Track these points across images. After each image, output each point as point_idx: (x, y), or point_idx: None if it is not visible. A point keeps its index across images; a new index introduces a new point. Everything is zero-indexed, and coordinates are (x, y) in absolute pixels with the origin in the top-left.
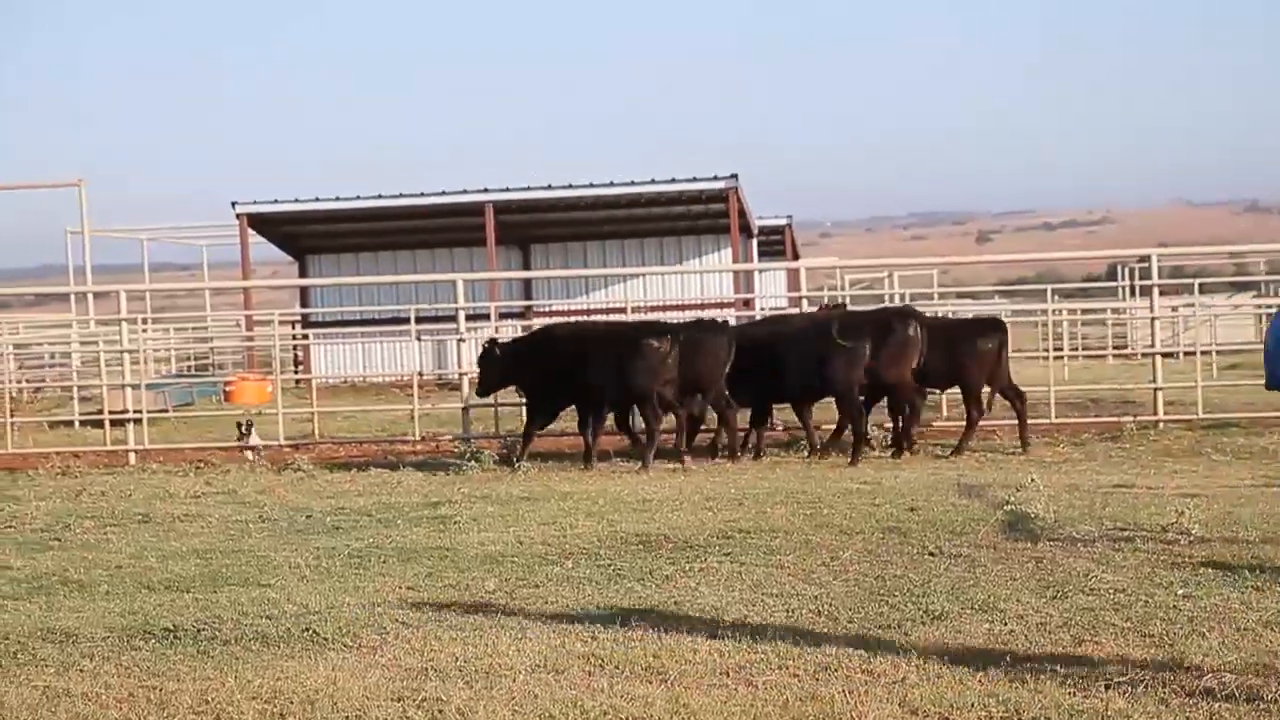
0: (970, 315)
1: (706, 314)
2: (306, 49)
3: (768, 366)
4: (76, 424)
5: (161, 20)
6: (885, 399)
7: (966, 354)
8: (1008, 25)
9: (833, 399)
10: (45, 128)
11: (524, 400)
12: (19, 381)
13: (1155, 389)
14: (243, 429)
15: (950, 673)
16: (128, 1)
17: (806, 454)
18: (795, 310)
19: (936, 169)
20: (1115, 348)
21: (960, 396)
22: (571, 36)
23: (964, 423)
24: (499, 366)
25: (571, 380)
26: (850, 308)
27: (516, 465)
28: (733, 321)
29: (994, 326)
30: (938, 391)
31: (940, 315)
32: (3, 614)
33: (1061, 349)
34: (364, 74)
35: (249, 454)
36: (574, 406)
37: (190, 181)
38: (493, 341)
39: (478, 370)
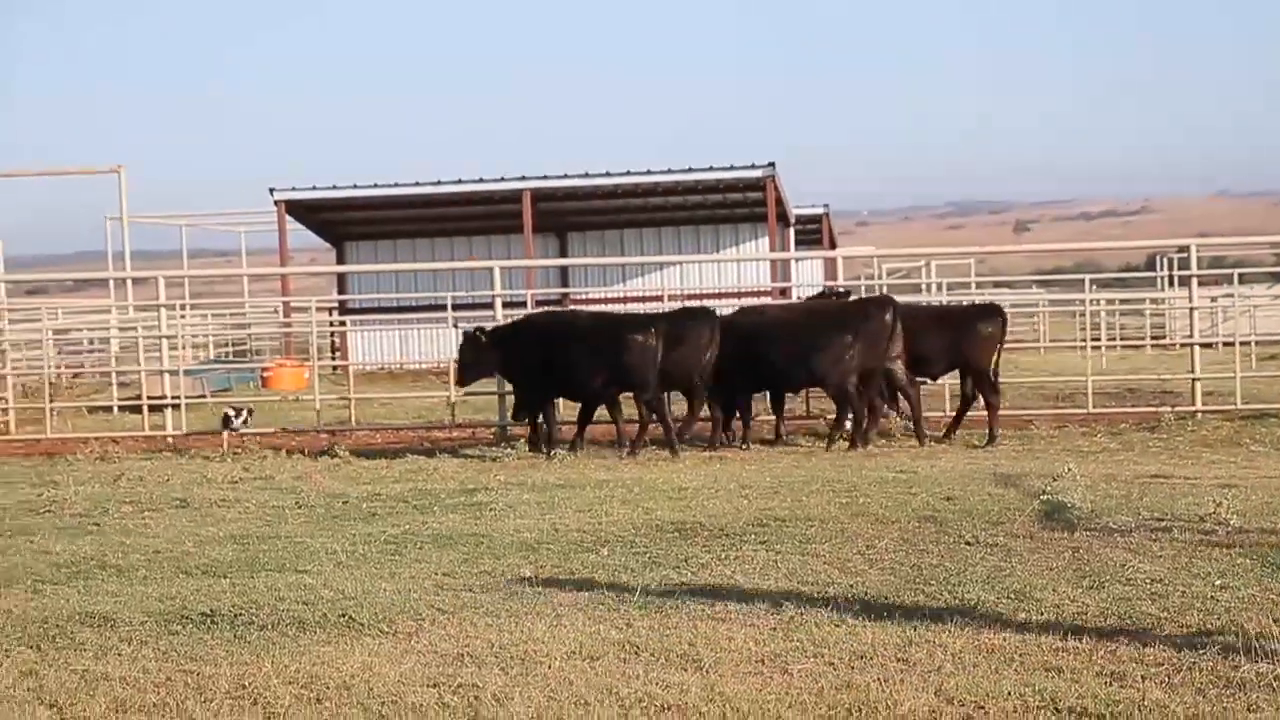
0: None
1: (744, 302)
2: (345, 36)
3: (768, 355)
4: (115, 409)
5: (200, 5)
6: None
7: (969, 339)
8: (1048, 18)
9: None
10: (85, 114)
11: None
12: (58, 367)
13: (1193, 379)
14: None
15: (986, 662)
16: None
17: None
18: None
19: (975, 158)
20: (1153, 338)
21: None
22: (611, 26)
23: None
24: (486, 356)
25: (557, 371)
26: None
27: (550, 454)
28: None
29: (994, 312)
30: (929, 380)
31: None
32: (42, 598)
33: (1099, 339)
34: (403, 61)
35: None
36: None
37: (229, 168)
38: (480, 329)
39: (458, 359)
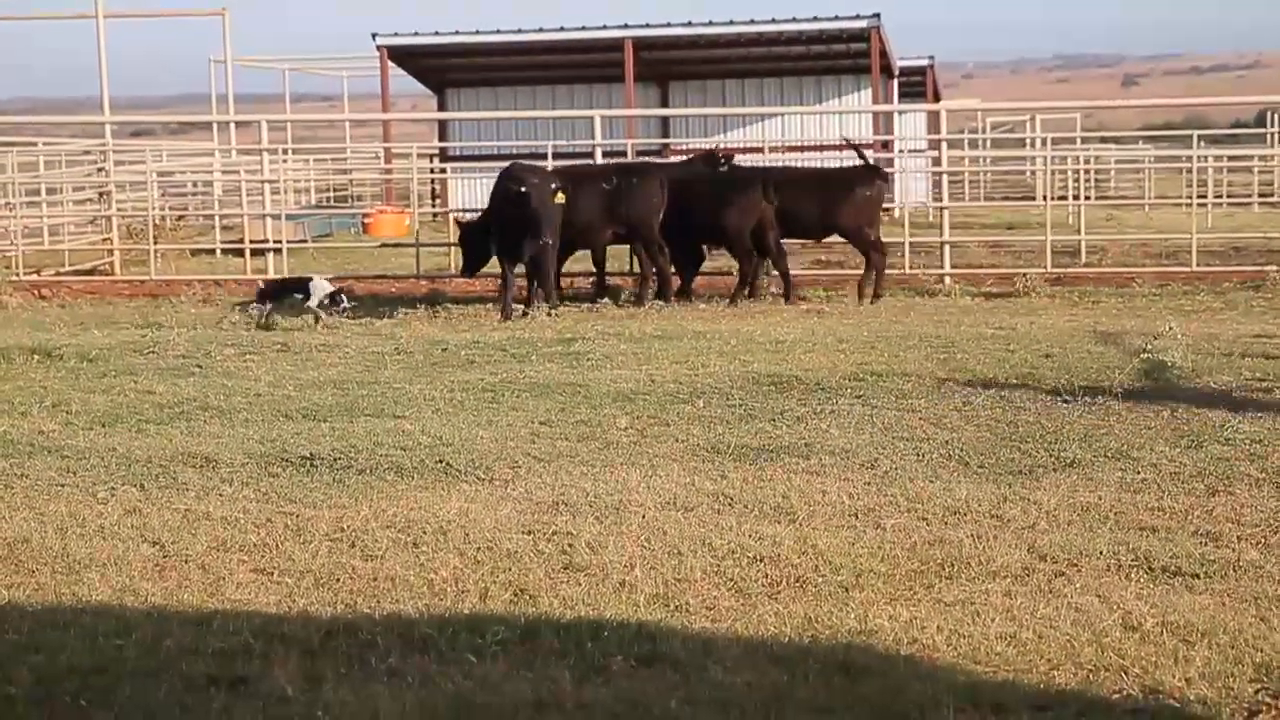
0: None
1: (845, 155)
2: None
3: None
4: (218, 252)
5: None
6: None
7: (843, 201)
8: None
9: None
10: None
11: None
12: (162, 209)
13: None
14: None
15: (1080, 520)
16: None
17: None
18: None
19: (1084, 9)
20: (1261, 195)
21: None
22: None
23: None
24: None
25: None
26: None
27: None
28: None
29: (874, 174)
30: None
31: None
32: (145, 437)
33: (1206, 196)
34: None
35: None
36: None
37: (332, 12)
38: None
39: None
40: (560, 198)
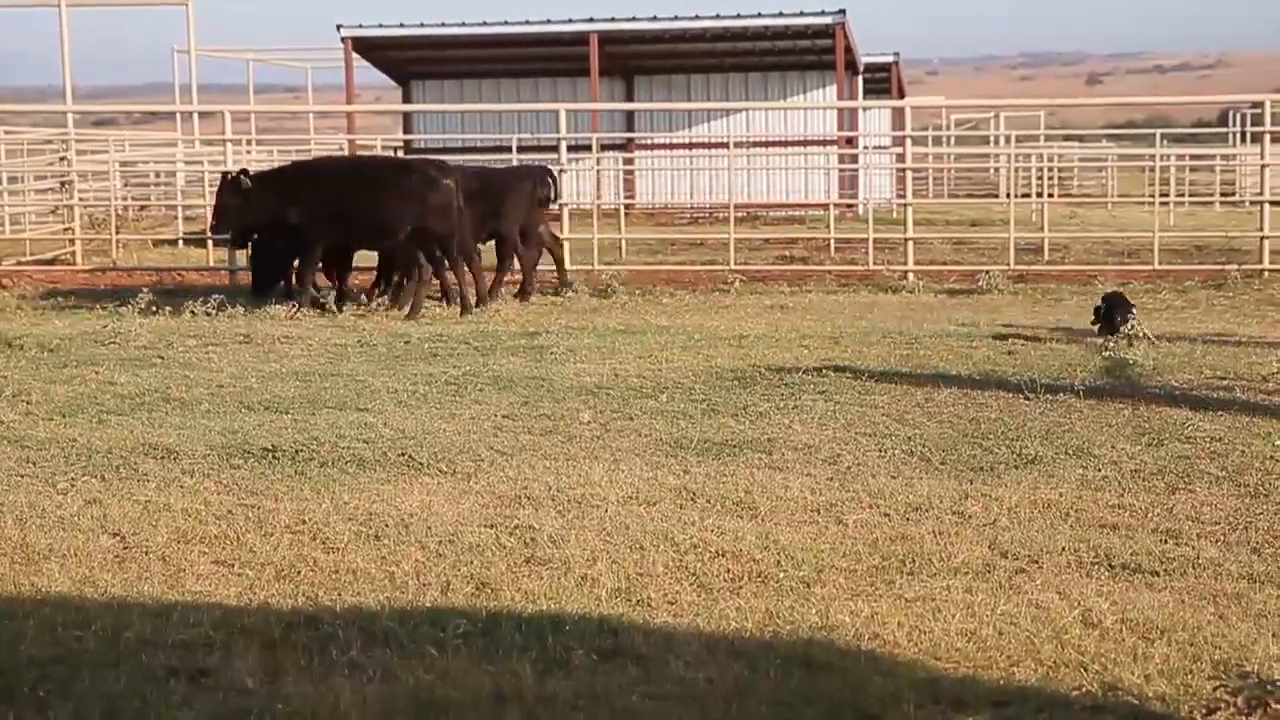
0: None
1: (809, 151)
2: None
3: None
4: (180, 243)
5: None
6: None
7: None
8: None
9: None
10: None
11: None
12: (124, 199)
13: (1262, 237)
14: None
15: (1041, 517)
16: None
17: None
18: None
19: (1049, 7)
20: (1223, 195)
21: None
22: None
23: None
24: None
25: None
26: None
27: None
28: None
29: (543, 173)
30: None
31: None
32: (106, 428)
33: (1168, 195)
34: None
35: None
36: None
37: (297, 2)
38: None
39: None
40: None
